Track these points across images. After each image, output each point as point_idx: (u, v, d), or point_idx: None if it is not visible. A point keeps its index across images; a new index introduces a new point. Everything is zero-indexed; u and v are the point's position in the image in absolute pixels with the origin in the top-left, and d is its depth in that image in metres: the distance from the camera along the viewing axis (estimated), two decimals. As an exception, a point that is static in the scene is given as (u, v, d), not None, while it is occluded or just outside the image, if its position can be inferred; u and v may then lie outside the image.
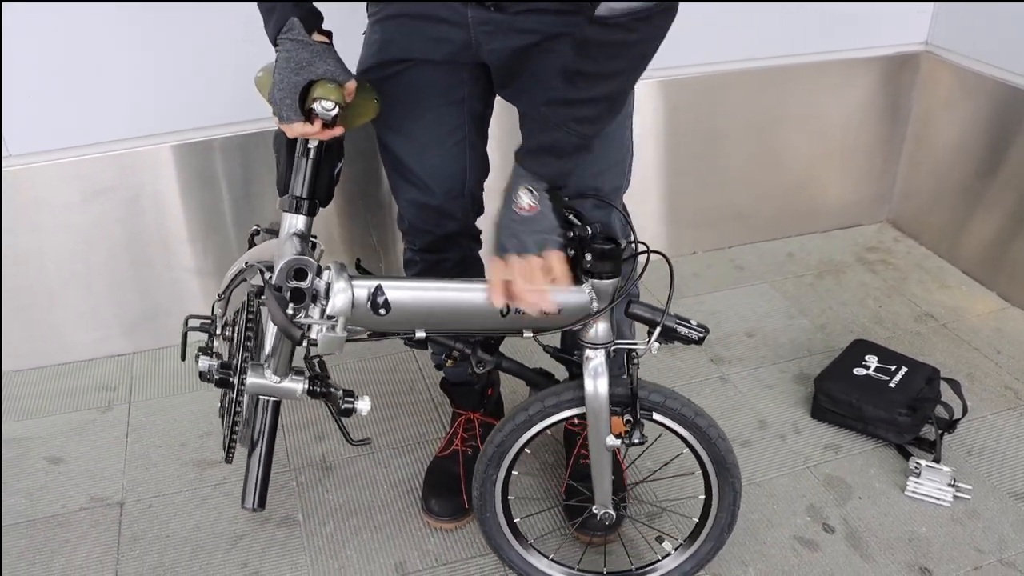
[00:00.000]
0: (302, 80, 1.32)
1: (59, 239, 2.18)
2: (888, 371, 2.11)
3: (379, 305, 1.32)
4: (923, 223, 2.87)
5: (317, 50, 1.33)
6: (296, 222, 1.44)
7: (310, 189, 1.44)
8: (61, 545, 1.79)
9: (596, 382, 1.43)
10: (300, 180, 1.43)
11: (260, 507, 1.45)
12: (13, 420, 2.14)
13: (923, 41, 2.71)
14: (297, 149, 1.43)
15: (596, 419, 1.46)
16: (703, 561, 1.66)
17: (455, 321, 1.40)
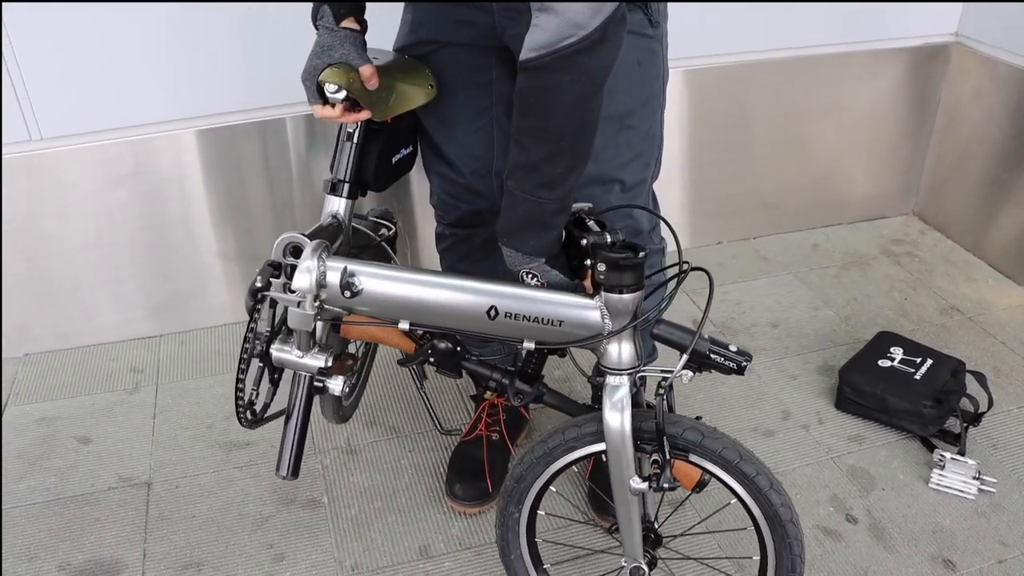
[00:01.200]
0: (321, 64, 1.36)
1: (85, 223, 2.20)
2: (913, 363, 2.10)
3: (346, 287, 1.28)
4: (950, 216, 2.85)
5: (340, 36, 1.37)
6: (335, 205, 1.47)
7: (352, 172, 1.47)
8: (91, 523, 1.82)
9: (617, 415, 1.25)
10: (342, 163, 1.48)
11: (293, 476, 1.47)
12: (43, 400, 2.17)
13: (953, 32, 2.68)
14: (341, 133, 1.48)
15: (618, 458, 1.28)
16: None
17: (438, 318, 1.29)
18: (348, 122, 1.42)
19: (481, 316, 1.25)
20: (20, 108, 2.02)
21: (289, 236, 1.30)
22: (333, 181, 1.49)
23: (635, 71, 1.47)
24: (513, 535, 1.48)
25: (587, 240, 1.21)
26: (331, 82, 1.35)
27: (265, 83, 2.16)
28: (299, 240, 1.29)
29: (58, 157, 2.11)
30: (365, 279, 1.28)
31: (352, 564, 1.73)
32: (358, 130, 1.46)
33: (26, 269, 2.21)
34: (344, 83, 1.35)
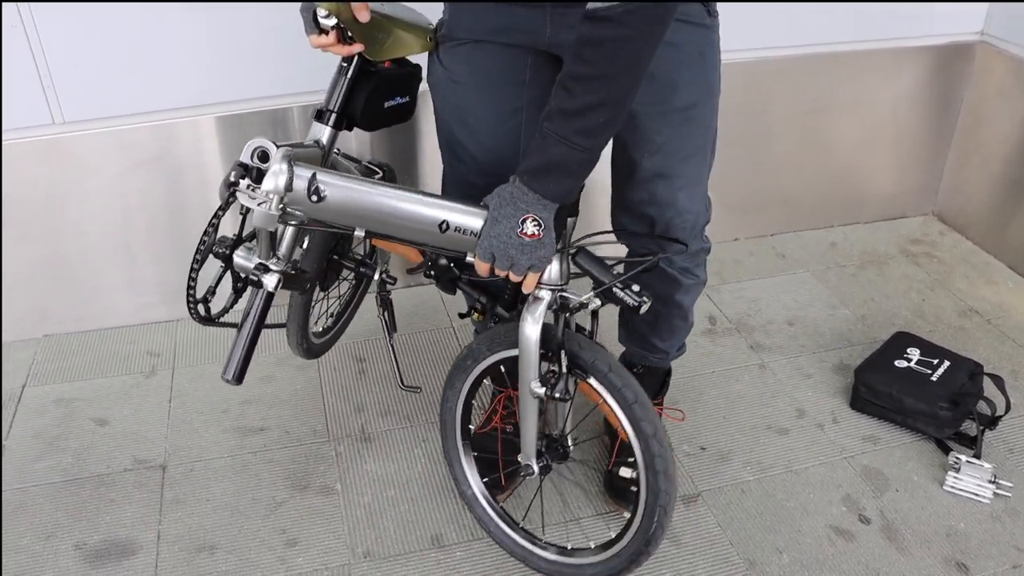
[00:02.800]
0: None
1: (105, 206, 2.22)
2: (930, 364, 2.09)
3: (310, 192, 1.34)
4: (970, 217, 2.83)
5: None
6: (319, 132, 1.53)
7: (340, 104, 1.52)
8: (107, 504, 1.83)
9: (527, 324, 1.41)
10: (333, 94, 1.52)
11: (237, 381, 1.41)
12: (61, 381, 2.18)
13: (979, 31, 2.66)
14: (337, 66, 1.53)
15: (526, 361, 1.44)
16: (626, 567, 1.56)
17: (393, 228, 1.38)
18: (342, 54, 1.47)
19: (433, 228, 1.36)
20: (43, 92, 2.03)
21: (258, 141, 1.33)
22: (320, 108, 1.53)
23: (697, 62, 1.47)
24: (450, 408, 1.68)
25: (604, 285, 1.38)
26: (322, 6, 1.41)
27: (284, 71, 2.16)
28: (267, 146, 1.33)
29: (79, 141, 2.12)
30: (331, 188, 1.34)
31: (364, 551, 1.74)
32: (353, 65, 1.51)
33: (46, 252, 2.23)
34: (334, 9, 1.40)
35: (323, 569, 1.70)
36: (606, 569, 1.59)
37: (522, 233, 1.28)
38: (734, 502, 1.85)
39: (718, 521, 1.81)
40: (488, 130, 1.56)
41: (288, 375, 2.19)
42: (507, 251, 1.30)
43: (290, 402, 2.11)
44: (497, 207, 1.30)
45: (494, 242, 1.30)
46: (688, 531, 1.78)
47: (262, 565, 1.70)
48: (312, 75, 2.16)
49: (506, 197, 1.29)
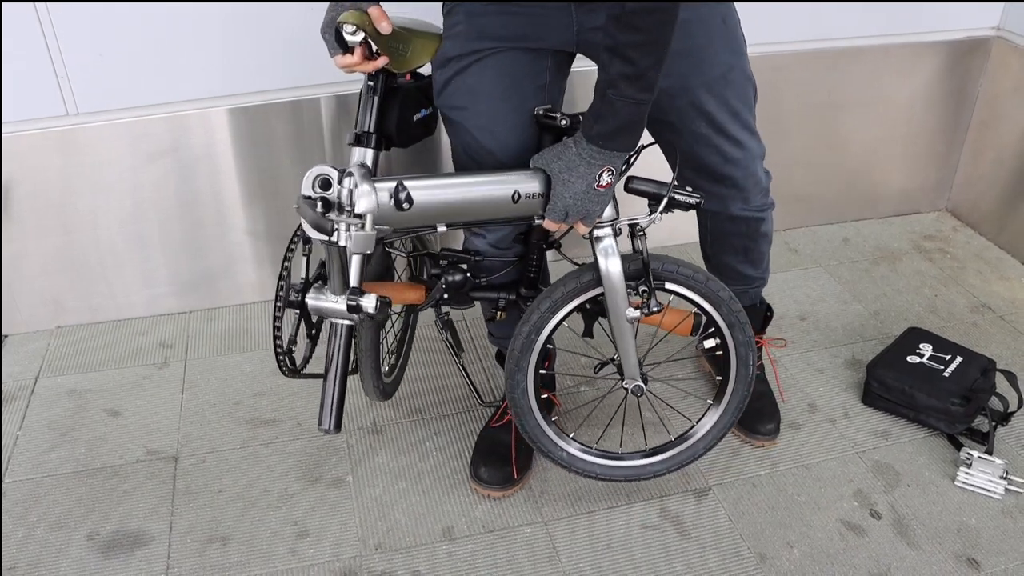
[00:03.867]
0: (336, 16, 1.41)
1: (119, 198, 2.22)
2: (943, 360, 2.08)
3: (402, 201, 1.40)
4: (983, 212, 2.82)
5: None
6: (362, 156, 1.51)
7: (372, 123, 1.51)
8: (119, 495, 1.84)
9: (609, 260, 1.55)
10: (366, 116, 1.51)
11: (336, 430, 1.49)
12: (74, 372, 2.19)
13: (995, 26, 2.65)
14: (363, 89, 1.52)
15: (614, 295, 1.58)
16: (733, 418, 1.79)
17: (473, 213, 1.50)
18: (368, 71, 1.47)
19: (507, 202, 1.48)
20: (58, 83, 2.04)
21: (318, 169, 1.35)
22: (358, 133, 1.51)
23: (721, 28, 1.54)
24: (522, 389, 1.68)
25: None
26: (348, 23, 1.39)
27: (298, 62, 2.17)
28: (328, 172, 1.36)
29: (93, 132, 2.13)
30: (415, 191, 1.42)
31: (376, 543, 1.74)
32: (379, 83, 1.51)
33: (59, 243, 2.24)
34: (359, 22, 1.39)
35: (334, 561, 1.70)
36: (720, 427, 1.80)
37: (599, 186, 1.42)
38: (745, 496, 1.85)
39: (729, 515, 1.81)
40: (513, 134, 1.58)
41: (300, 367, 2.20)
42: (584, 205, 1.44)
43: (302, 394, 2.11)
44: (565, 170, 1.42)
45: (569, 201, 1.44)
46: (699, 525, 1.78)
47: (273, 556, 1.71)
48: (326, 67, 2.17)
49: (573, 159, 1.41)
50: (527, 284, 1.75)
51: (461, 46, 1.52)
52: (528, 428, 1.73)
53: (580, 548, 1.74)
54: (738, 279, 1.91)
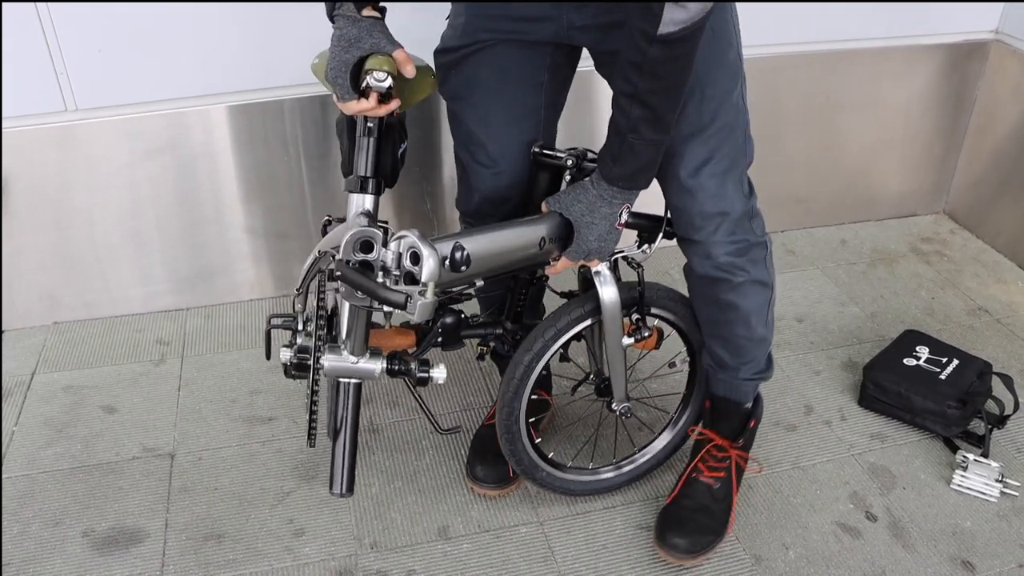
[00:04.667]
0: (352, 58, 1.32)
1: (116, 194, 2.22)
2: (939, 363, 2.09)
3: (460, 263, 1.37)
4: (981, 216, 2.82)
5: (365, 26, 1.33)
6: (363, 202, 1.44)
7: (374, 167, 1.43)
8: (115, 492, 1.84)
9: (607, 290, 1.57)
10: (363, 159, 1.43)
11: (349, 492, 1.42)
12: (70, 369, 2.19)
13: (993, 29, 2.65)
14: (358, 128, 1.43)
15: (612, 323, 1.60)
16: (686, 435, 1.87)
17: (508, 264, 1.49)
18: (380, 115, 1.39)
19: (535, 248, 1.48)
20: (57, 79, 2.03)
21: (359, 232, 1.27)
22: (359, 178, 1.43)
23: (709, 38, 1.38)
24: (515, 422, 1.66)
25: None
26: (380, 70, 1.32)
27: (298, 60, 2.16)
28: (372, 234, 1.28)
29: (92, 128, 2.13)
30: (469, 248, 1.39)
31: (371, 542, 1.74)
32: (377, 124, 1.42)
33: (56, 239, 2.23)
34: (392, 69, 1.32)
35: (330, 559, 1.70)
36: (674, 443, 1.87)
37: (618, 224, 1.45)
38: (741, 498, 1.85)
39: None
40: (507, 131, 1.57)
41: (296, 365, 2.20)
42: (606, 245, 1.47)
43: (298, 392, 2.11)
44: (587, 212, 1.44)
45: (593, 244, 1.46)
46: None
47: (269, 554, 1.71)
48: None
49: (594, 201, 1.43)
50: (514, 318, 1.75)
51: (460, 37, 1.52)
52: (516, 452, 1.70)
53: (576, 548, 1.74)
54: (711, 356, 1.74)
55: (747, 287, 1.59)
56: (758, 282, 1.60)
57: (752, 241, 1.57)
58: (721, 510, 1.73)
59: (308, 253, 2.42)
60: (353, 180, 1.43)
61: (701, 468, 1.76)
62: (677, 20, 1.19)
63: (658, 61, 1.23)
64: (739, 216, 1.54)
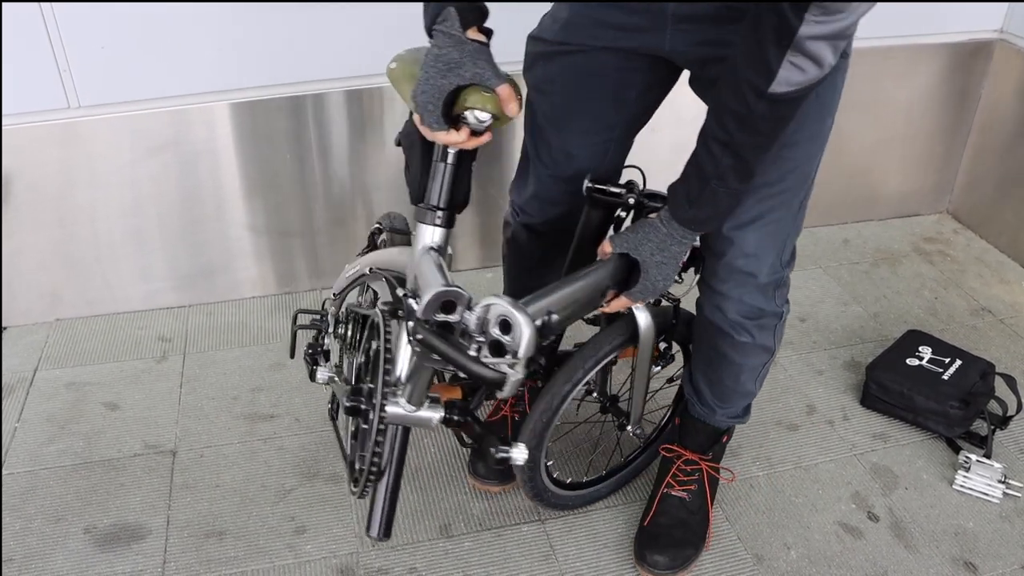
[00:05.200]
0: (449, 84, 1.19)
1: (119, 191, 2.22)
2: (942, 363, 2.08)
3: (551, 329, 1.28)
4: (984, 216, 2.82)
5: (469, 50, 1.19)
6: (434, 235, 1.33)
7: (448, 198, 1.32)
8: (116, 488, 1.84)
9: (644, 318, 1.57)
10: (438, 187, 1.31)
11: (386, 537, 1.34)
12: (73, 365, 2.19)
13: (998, 28, 2.64)
14: (436, 153, 1.31)
15: (646, 350, 1.60)
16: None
17: (579, 313, 1.40)
18: (469, 147, 1.27)
19: (598, 297, 1.41)
20: (60, 76, 2.03)
21: (443, 291, 1.15)
22: (427, 208, 1.32)
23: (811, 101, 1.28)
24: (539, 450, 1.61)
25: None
26: (484, 110, 1.20)
27: (300, 57, 2.16)
28: (456, 295, 1.15)
29: (94, 125, 2.13)
30: (556, 312, 1.30)
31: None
32: (457, 153, 1.30)
33: (59, 236, 2.23)
34: (496, 111, 1.20)
35: (331, 557, 1.70)
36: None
37: (681, 262, 1.40)
38: (743, 497, 1.85)
39: (726, 516, 1.80)
40: (577, 139, 1.52)
41: (299, 363, 2.20)
42: (668, 284, 1.41)
43: (300, 389, 2.11)
44: (657, 251, 1.37)
45: (660, 284, 1.40)
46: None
47: (271, 552, 1.71)
48: (328, 63, 2.17)
49: (664, 240, 1.36)
50: (549, 354, 1.68)
51: (558, 32, 1.44)
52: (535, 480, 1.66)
53: (577, 547, 1.74)
54: (694, 385, 1.72)
55: (748, 348, 1.58)
56: (761, 347, 1.60)
57: (767, 310, 1.54)
58: (697, 522, 1.73)
59: (310, 251, 2.42)
60: (425, 211, 1.32)
61: (672, 484, 1.75)
62: (792, 81, 1.13)
63: (762, 117, 1.18)
64: (765, 283, 1.50)
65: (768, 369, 1.67)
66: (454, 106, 1.21)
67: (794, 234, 1.51)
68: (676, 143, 1.71)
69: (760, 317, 1.54)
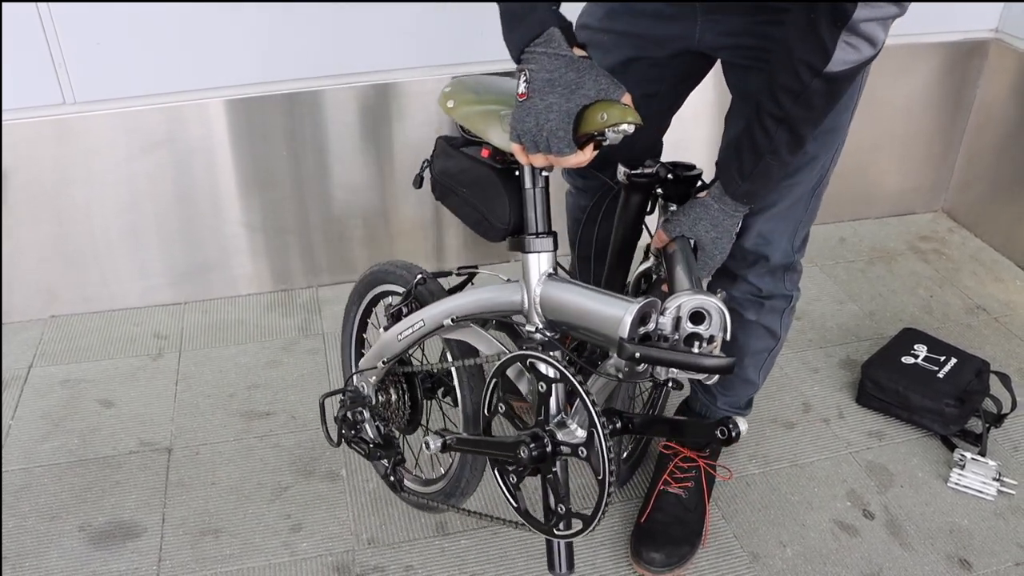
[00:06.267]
0: (575, 107, 1.14)
1: (114, 188, 2.22)
2: (937, 361, 2.09)
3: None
4: (979, 214, 2.82)
5: (584, 67, 1.14)
6: (549, 260, 1.31)
7: (549, 220, 1.30)
8: (112, 486, 1.84)
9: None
10: (540, 213, 1.30)
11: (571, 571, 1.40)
12: (68, 362, 2.19)
13: (993, 28, 2.65)
14: (527, 179, 1.28)
15: None
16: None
17: None
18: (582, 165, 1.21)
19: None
20: (55, 71, 2.03)
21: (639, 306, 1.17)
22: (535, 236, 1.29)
23: None
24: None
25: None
26: (628, 123, 1.14)
27: (295, 55, 2.16)
28: (651, 306, 1.18)
29: (90, 122, 2.12)
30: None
31: (369, 538, 1.74)
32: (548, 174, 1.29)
33: (54, 232, 2.23)
34: (636, 118, 1.15)
35: (327, 555, 1.70)
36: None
37: (734, 235, 1.43)
38: (739, 495, 1.85)
39: (723, 513, 1.81)
40: None
41: (295, 360, 2.20)
42: (725, 256, 1.45)
43: (297, 387, 2.11)
44: (712, 229, 1.40)
45: (719, 259, 1.44)
46: (692, 523, 1.79)
47: (266, 550, 1.71)
48: (323, 60, 2.17)
49: (718, 216, 1.40)
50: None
51: (600, 20, 1.50)
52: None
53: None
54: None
55: (754, 328, 1.62)
56: (766, 328, 1.63)
57: (776, 293, 1.59)
58: (693, 520, 1.73)
59: (306, 247, 2.42)
60: (534, 238, 1.30)
61: (669, 481, 1.76)
62: (847, 60, 1.17)
63: (817, 93, 1.21)
64: (776, 266, 1.55)
65: (772, 362, 1.70)
66: (580, 126, 1.16)
67: (807, 221, 1.54)
68: (674, 141, 1.71)
69: (770, 298, 1.58)
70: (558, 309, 1.29)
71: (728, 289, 1.57)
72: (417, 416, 1.66)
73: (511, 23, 1.16)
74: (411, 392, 1.64)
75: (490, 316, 1.42)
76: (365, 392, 1.66)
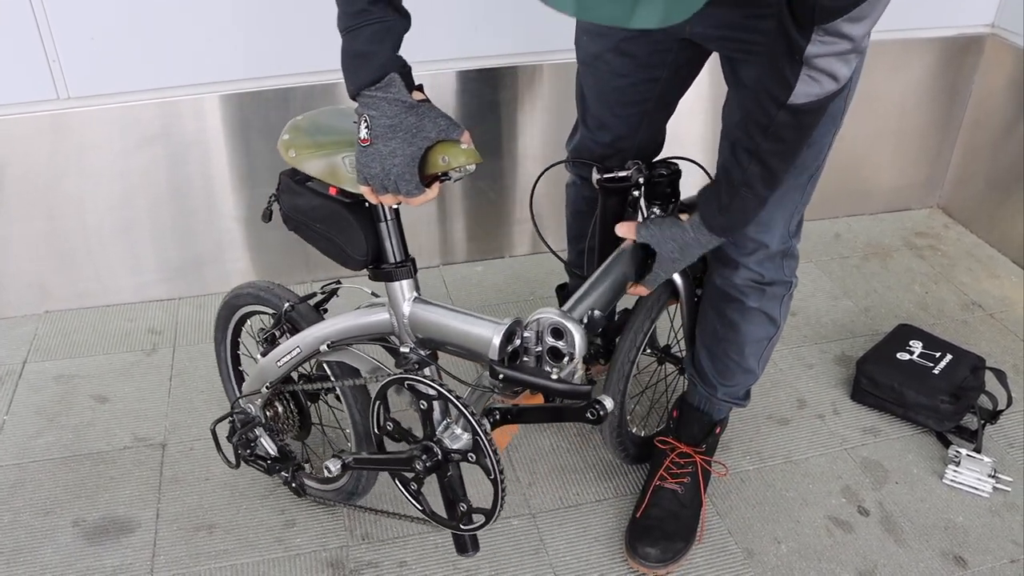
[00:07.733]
0: (418, 151, 1.20)
1: (108, 183, 2.21)
2: (932, 357, 2.09)
3: (596, 325, 1.38)
4: (975, 210, 2.82)
5: (424, 110, 1.20)
6: (411, 287, 1.40)
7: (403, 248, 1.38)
8: (106, 481, 1.83)
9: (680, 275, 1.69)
10: (396, 243, 1.37)
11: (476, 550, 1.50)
12: (62, 358, 2.18)
13: (989, 23, 2.64)
14: (380, 214, 1.35)
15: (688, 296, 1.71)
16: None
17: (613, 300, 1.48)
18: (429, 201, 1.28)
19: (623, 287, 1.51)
20: (49, 66, 2.02)
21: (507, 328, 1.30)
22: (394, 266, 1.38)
23: None
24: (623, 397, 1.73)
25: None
26: (473, 162, 1.23)
27: (290, 50, 2.15)
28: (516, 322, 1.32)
29: (84, 117, 2.11)
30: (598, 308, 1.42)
31: (363, 533, 1.74)
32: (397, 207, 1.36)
33: (48, 227, 2.22)
34: (476, 156, 1.23)
35: (321, 550, 1.70)
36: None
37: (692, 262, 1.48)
38: (733, 491, 1.85)
39: (717, 510, 1.81)
40: (612, 111, 1.61)
41: (289, 356, 2.19)
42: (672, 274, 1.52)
43: (290, 383, 2.11)
44: (677, 251, 1.44)
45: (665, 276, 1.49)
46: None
47: (260, 545, 1.71)
48: (317, 56, 2.16)
49: (690, 244, 1.43)
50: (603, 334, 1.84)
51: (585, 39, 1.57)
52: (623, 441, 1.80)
53: (567, 541, 1.74)
54: (696, 367, 1.77)
55: (754, 315, 1.63)
56: (766, 315, 1.64)
57: (776, 279, 1.60)
58: (689, 516, 1.73)
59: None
60: (393, 268, 1.38)
61: (665, 476, 1.76)
62: (810, 93, 1.18)
63: (784, 126, 1.23)
64: (774, 252, 1.56)
65: (771, 351, 1.71)
66: (424, 167, 1.23)
67: (802, 204, 1.56)
68: (670, 137, 1.71)
69: (771, 284, 1.59)
70: (429, 330, 1.39)
71: (730, 276, 1.59)
72: (307, 420, 1.74)
73: (353, 63, 1.19)
74: (296, 401, 1.71)
75: (364, 340, 1.49)
76: (253, 412, 1.69)
